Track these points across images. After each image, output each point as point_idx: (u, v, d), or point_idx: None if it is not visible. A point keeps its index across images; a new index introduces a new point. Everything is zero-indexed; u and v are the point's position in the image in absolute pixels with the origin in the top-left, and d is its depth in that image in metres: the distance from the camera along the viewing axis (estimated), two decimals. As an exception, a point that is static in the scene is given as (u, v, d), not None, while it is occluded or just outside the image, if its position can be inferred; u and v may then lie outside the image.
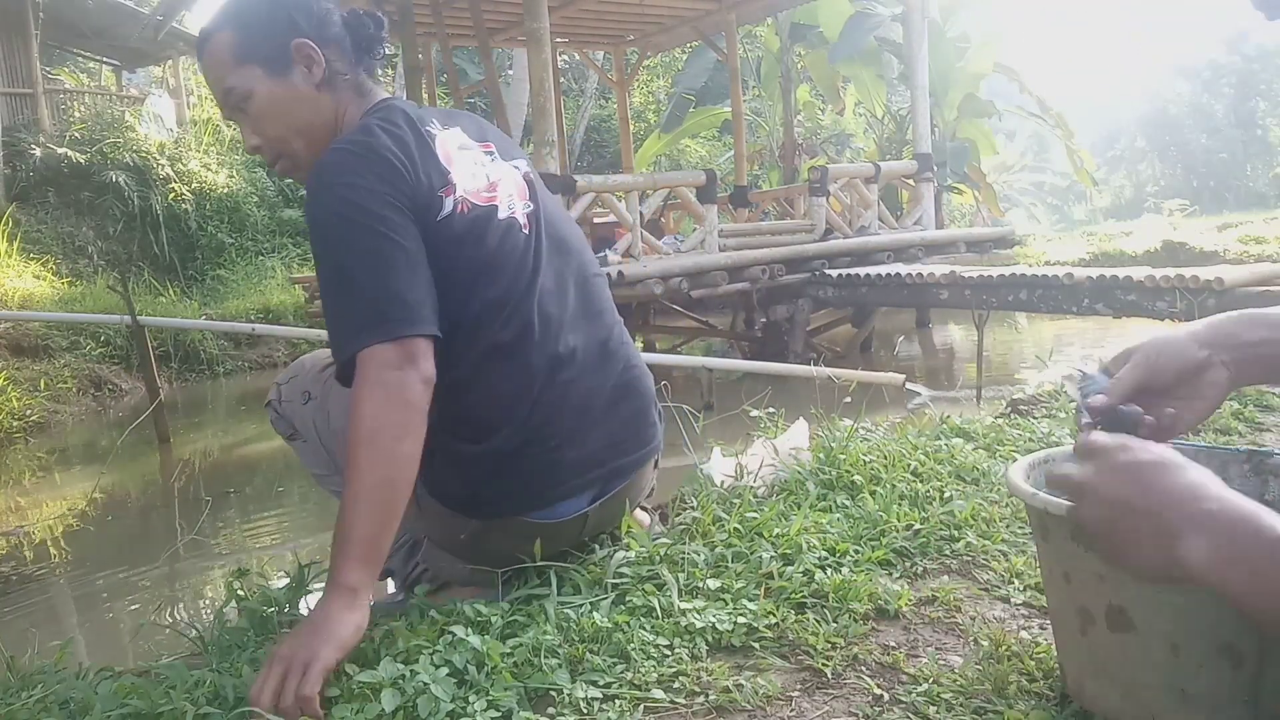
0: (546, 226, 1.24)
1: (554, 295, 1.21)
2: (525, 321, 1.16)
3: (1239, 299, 3.70)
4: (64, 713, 0.97)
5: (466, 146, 1.21)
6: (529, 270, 1.18)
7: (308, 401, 1.34)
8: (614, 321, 1.32)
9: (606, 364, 1.25)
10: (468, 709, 0.90)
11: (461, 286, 1.12)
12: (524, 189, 1.25)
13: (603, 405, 1.23)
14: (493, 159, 1.24)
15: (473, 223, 1.14)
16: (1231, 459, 1.00)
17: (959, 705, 0.89)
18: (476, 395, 1.16)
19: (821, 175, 6.49)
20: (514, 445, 1.16)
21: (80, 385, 6.73)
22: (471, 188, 1.16)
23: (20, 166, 9.81)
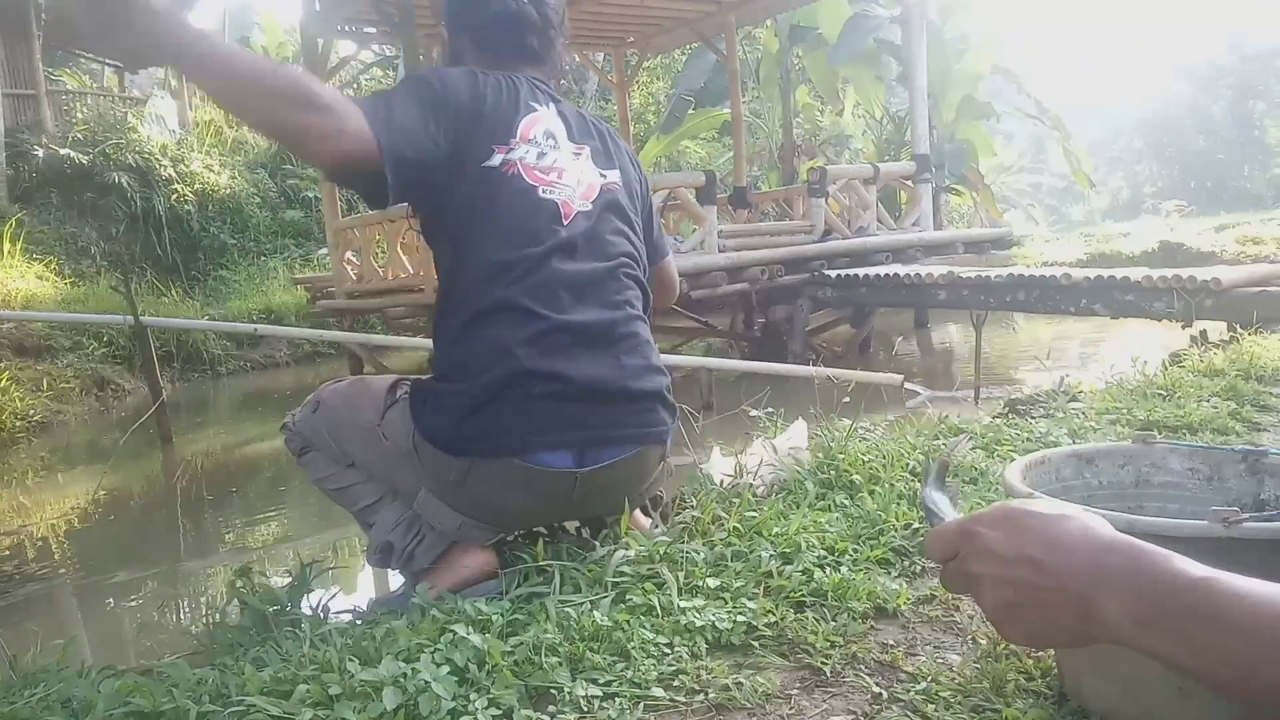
0: (596, 223, 1.35)
1: (572, 279, 1.29)
2: (533, 286, 1.26)
3: (1236, 299, 3.70)
4: (66, 711, 0.97)
5: (554, 134, 1.36)
6: (553, 248, 1.29)
7: (316, 409, 1.44)
8: (632, 321, 1.35)
9: (609, 347, 1.30)
10: (469, 707, 0.90)
11: (484, 233, 1.27)
12: (593, 191, 1.38)
13: (591, 376, 1.27)
14: (577, 158, 1.38)
15: (514, 187, 1.28)
16: (1227, 459, 1.01)
17: (957, 703, 0.89)
18: (469, 342, 1.27)
19: (820, 176, 6.50)
20: (494, 387, 1.24)
21: (83, 385, 6.73)
22: (531, 163, 1.31)
23: (23, 167, 9.82)
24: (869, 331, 6.51)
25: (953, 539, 0.58)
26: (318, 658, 1.01)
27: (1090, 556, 0.51)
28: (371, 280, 6.60)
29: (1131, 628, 0.48)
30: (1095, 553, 0.51)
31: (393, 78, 14.16)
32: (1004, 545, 0.55)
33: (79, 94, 11.97)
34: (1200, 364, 2.54)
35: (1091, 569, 0.51)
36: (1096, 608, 0.50)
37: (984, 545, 0.56)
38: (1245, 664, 0.45)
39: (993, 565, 0.55)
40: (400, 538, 1.35)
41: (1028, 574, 0.53)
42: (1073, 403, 2.30)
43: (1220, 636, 0.45)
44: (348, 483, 1.42)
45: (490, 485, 1.27)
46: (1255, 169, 28.26)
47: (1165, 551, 0.50)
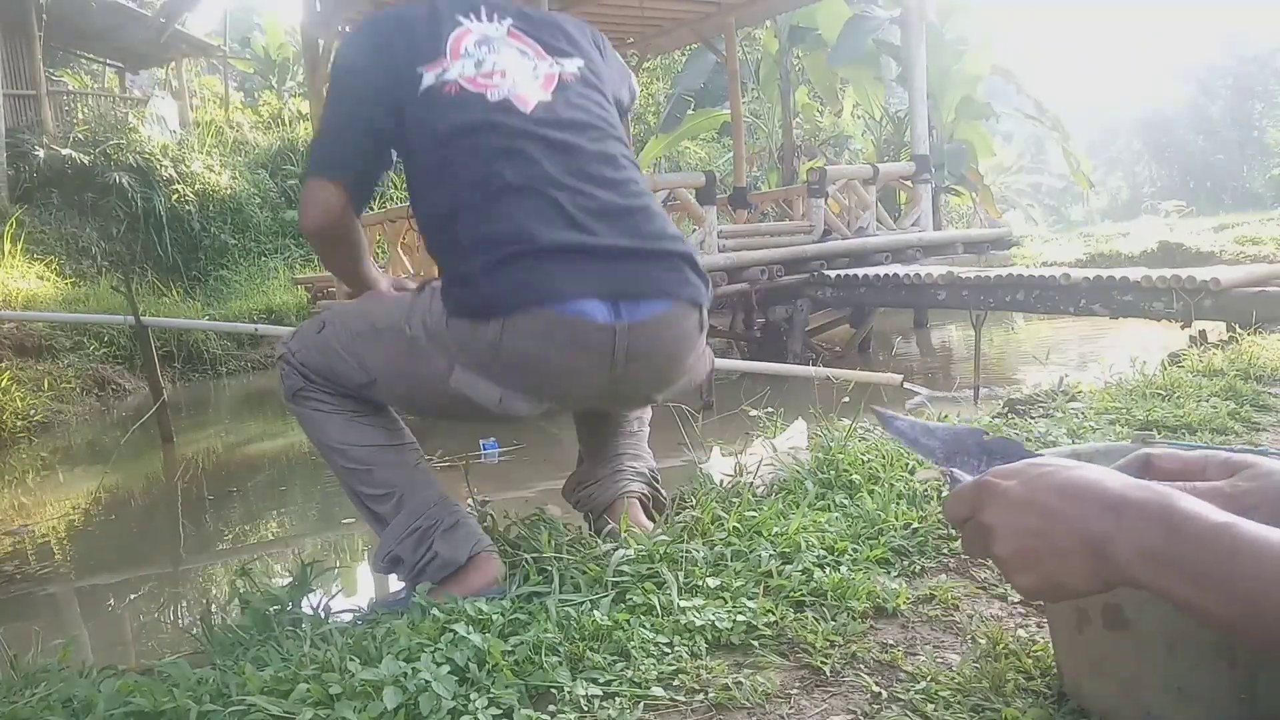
0: (563, 109, 1.31)
1: (558, 163, 1.26)
2: (521, 178, 1.24)
3: (1235, 299, 3.71)
4: (67, 711, 0.97)
5: (489, 40, 1.33)
6: (520, 137, 1.26)
7: (322, 329, 1.38)
8: (638, 195, 1.31)
9: (622, 218, 1.26)
10: (469, 706, 0.90)
11: (451, 154, 1.27)
12: (550, 82, 1.34)
13: (611, 242, 1.24)
14: (524, 55, 1.34)
15: (462, 100, 1.28)
16: (1226, 458, 1.01)
17: (957, 703, 0.89)
18: (461, 223, 1.26)
19: (820, 177, 6.50)
20: (517, 254, 1.21)
21: (84, 385, 6.74)
22: (471, 74, 1.30)
23: (24, 168, 9.82)
24: (868, 331, 6.51)
25: (969, 495, 0.59)
26: (318, 657, 1.01)
27: (1105, 497, 0.52)
28: (371, 280, 6.59)
29: (1145, 564, 0.48)
30: (1111, 494, 0.52)
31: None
32: (1019, 492, 0.56)
33: (80, 94, 11.98)
34: (1199, 364, 2.54)
35: (1106, 509, 0.51)
36: (1111, 546, 0.50)
37: (999, 494, 0.57)
38: (1257, 602, 0.45)
39: (1008, 513, 0.56)
40: (410, 552, 1.31)
41: (1042, 519, 0.54)
42: (1072, 402, 2.30)
43: (1234, 574, 0.46)
44: (352, 441, 1.34)
45: (527, 341, 1.21)
46: (1254, 169, 28.26)
47: (1186, 495, 0.50)
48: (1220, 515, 0.48)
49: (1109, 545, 0.50)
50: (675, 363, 1.33)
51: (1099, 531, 0.51)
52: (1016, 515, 0.55)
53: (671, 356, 1.32)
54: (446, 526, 1.31)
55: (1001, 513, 0.56)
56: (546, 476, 3.79)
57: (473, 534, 1.32)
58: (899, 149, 10.45)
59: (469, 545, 1.29)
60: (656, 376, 1.33)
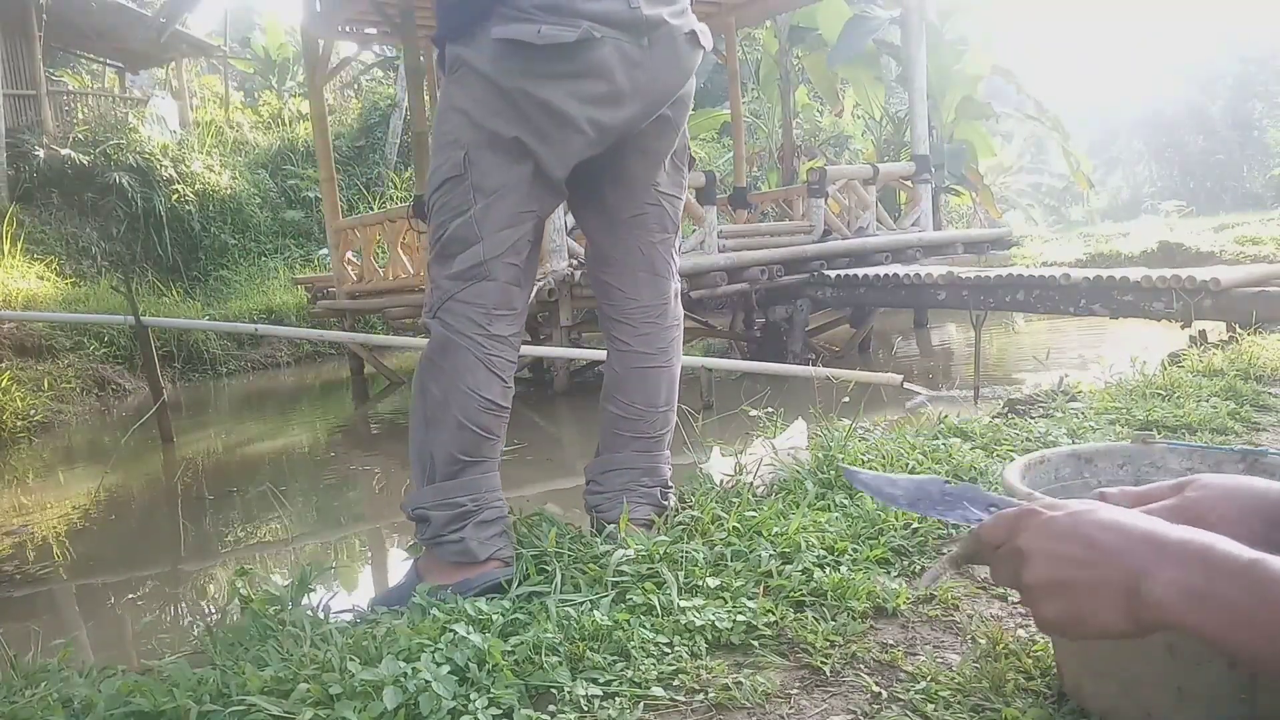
0: None
1: None
2: None
3: (1235, 299, 3.71)
4: (67, 711, 0.97)
5: None
6: None
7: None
8: None
9: None
10: (469, 706, 0.90)
11: None
12: None
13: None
14: None
15: None
16: (1226, 459, 1.01)
17: (957, 703, 0.89)
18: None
19: (820, 177, 6.50)
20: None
21: (84, 385, 6.74)
22: None
23: (24, 168, 9.83)
24: (868, 331, 6.51)
25: (1011, 519, 0.60)
26: (318, 657, 1.01)
27: (1144, 536, 0.53)
28: (372, 280, 6.60)
29: (1182, 601, 0.49)
30: (1150, 534, 0.53)
31: (393, 78, 14.16)
32: (1063, 522, 0.56)
33: (80, 94, 11.98)
34: (1199, 364, 2.55)
35: (1145, 548, 0.52)
36: (1147, 583, 0.51)
37: (1041, 523, 0.57)
38: None
39: (1047, 540, 0.56)
40: (440, 524, 1.32)
41: (1082, 551, 0.54)
42: (1072, 402, 2.30)
43: (1270, 611, 0.46)
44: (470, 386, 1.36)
45: (545, 63, 1.29)
46: (1254, 169, 28.26)
47: (1217, 535, 0.51)
48: (1249, 553, 0.49)
49: (1147, 581, 0.51)
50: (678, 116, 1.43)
51: (1138, 567, 0.52)
52: (1056, 543, 0.56)
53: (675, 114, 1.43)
54: (486, 519, 1.33)
55: (1041, 539, 0.57)
56: (548, 476, 3.79)
57: (502, 538, 1.34)
58: (899, 149, 10.45)
59: (493, 548, 1.31)
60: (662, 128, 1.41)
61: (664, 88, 1.40)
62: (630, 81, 1.35)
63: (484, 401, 1.37)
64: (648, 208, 1.51)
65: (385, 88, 14.58)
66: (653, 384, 1.53)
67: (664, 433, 1.56)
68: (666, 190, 1.52)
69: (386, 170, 12.57)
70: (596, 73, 1.33)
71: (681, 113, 1.48)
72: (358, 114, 13.88)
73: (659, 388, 1.54)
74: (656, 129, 1.44)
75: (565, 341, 5.24)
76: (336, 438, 5.53)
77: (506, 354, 1.41)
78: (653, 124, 1.43)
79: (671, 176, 1.53)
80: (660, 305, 1.54)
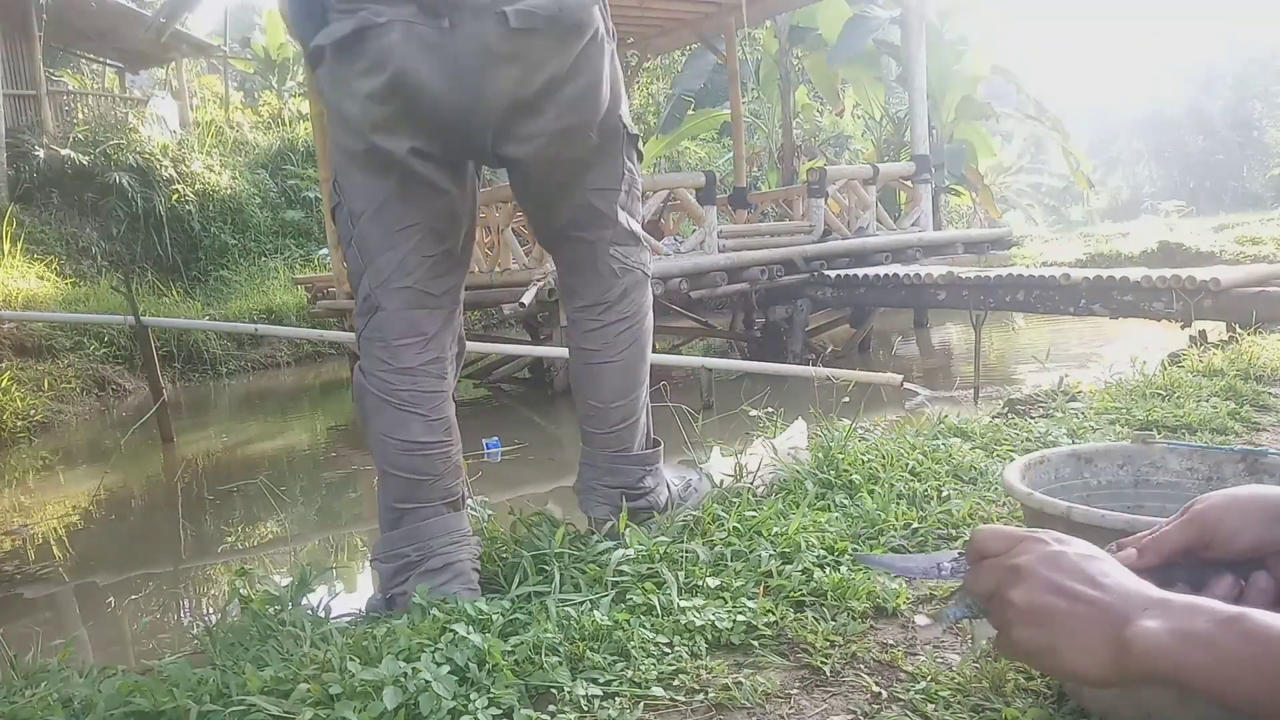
0: None
1: None
2: None
3: (1235, 299, 3.71)
4: (67, 711, 0.97)
5: None
6: None
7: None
8: None
9: None
10: (469, 706, 0.90)
11: None
12: None
13: None
14: None
15: None
16: (1226, 459, 1.01)
17: (957, 703, 0.89)
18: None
19: (820, 177, 6.50)
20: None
21: (84, 385, 6.74)
22: None
23: (24, 168, 9.82)
24: (868, 331, 6.51)
25: (1015, 536, 0.59)
26: (318, 657, 1.01)
27: (1142, 590, 0.54)
28: (371, 280, 6.58)
29: (1174, 643, 0.49)
30: (1147, 588, 0.54)
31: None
32: (1068, 557, 0.56)
33: (80, 94, 11.98)
34: (1199, 364, 2.55)
35: (1141, 599, 0.53)
36: (1139, 630, 0.51)
37: (1047, 550, 0.57)
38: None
39: (1048, 566, 0.56)
40: (387, 577, 1.29)
41: (1080, 586, 0.54)
42: (1072, 403, 2.30)
43: (1261, 655, 0.47)
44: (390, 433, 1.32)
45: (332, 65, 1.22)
46: (1254, 169, 28.25)
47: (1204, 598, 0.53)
48: (1234, 608, 0.50)
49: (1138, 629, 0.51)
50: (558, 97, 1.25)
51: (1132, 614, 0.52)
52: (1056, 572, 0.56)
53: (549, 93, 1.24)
54: (431, 568, 1.26)
55: (1042, 563, 0.57)
56: (548, 475, 3.79)
57: (455, 583, 1.26)
58: (899, 149, 10.45)
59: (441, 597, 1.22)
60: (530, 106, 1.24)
61: (484, 78, 1.22)
62: (430, 69, 1.20)
63: (400, 444, 1.30)
64: (577, 211, 1.42)
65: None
66: (601, 380, 1.46)
67: (619, 429, 1.47)
68: (600, 185, 1.40)
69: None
70: (378, 64, 1.20)
71: (579, 111, 1.30)
72: (358, 114, 13.85)
73: (605, 383, 1.46)
74: (556, 135, 1.30)
75: (565, 341, 5.24)
76: (336, 438, 5.53)
77: (422, 385, 1.31)
78: (550, 130, 1.28)
79: (602, 169, 1.39)
80: (603, 304, 1.45)
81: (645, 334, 1.49)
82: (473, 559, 1.31)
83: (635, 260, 1.47)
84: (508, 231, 5.37)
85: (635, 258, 1.47)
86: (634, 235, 1.46)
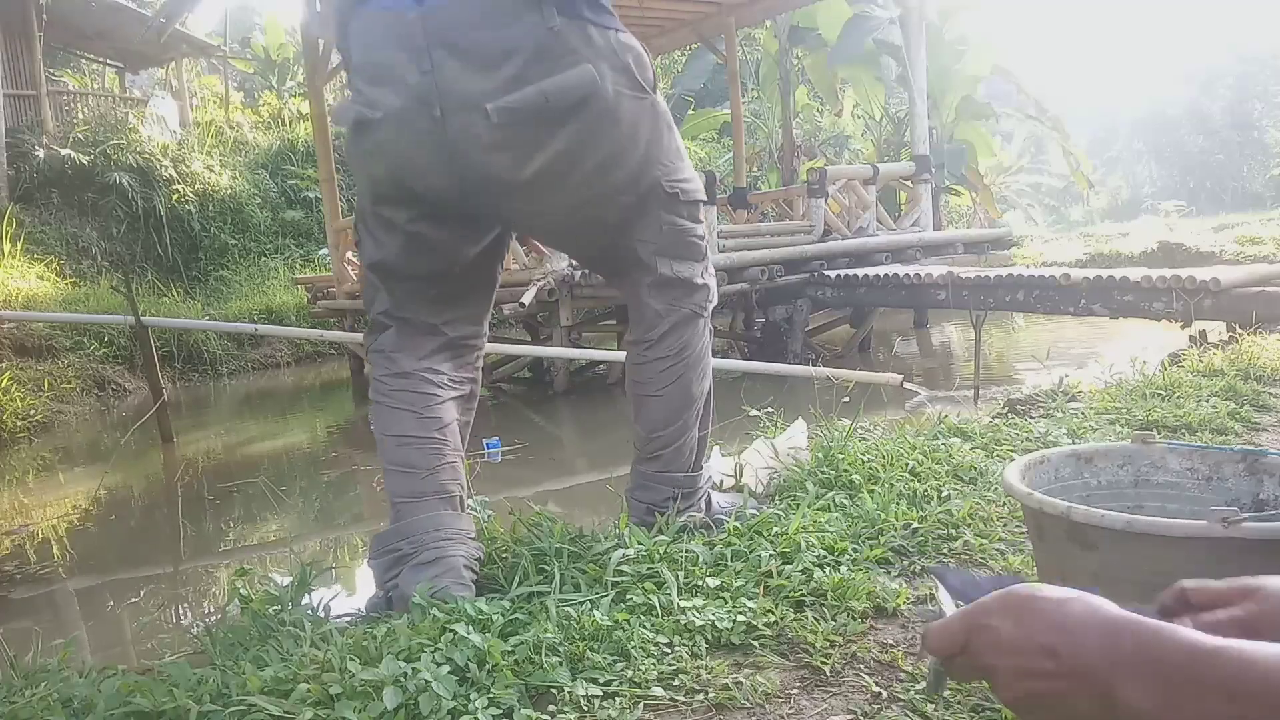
0: None
1: None
2: None
3: (1235, 299, 3.71)
4: (67, 711, 0.97)
5: None
6: None
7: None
8: None
9: None
10: (469, 706, 0.90)
11: None
12: None
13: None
14: None
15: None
16: (1226, 459, 1.01)
17: (956, 703, 0.89)
18: None
19: (820, 177, 6.50)
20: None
21: (84, 385, 6.74)
22: None
23: (24, 168, 9.82)
24: (868, 331, 6.51)
25: (959, 632, 0.58)
26: (318, 657, 1.01)
27: (1102, 639, 0.52)
28: (371, 280, 6.59)
29: (1158, 711, 0.48)
30: (1106, 635, 0.52)
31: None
32: (1016, 635, 0.55)
33: (80, 94, 11.98)
34: (1199, 364, 2.55)
35: (1106, 653, 0.51)
36: (1118, 694, 0.50)
37: (995, 639, 0.55)
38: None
39: (1008, 657, 0.55)
40: (380, 572, 1.33)
41: (1045, 662, 0.53)
42: (1072, 403, 2.30)
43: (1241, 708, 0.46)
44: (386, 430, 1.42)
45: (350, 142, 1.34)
46: (1254, 169, 28.25)
47: (1171, 626, 0.50)
48: (1210, 641, 0.49)
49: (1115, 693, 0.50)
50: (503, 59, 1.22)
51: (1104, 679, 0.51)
52: (1018, 659, 0.54)
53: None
54: (423, 560, 1.28)
55: (1002, 656, 0.55)
56: (548, 475, 3.79)
57: (447, 576, 1.26)
58: (899, 149, 10.45)
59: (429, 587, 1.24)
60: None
61: (480, 164, 1.27)
62: (427, 156, 1.28)
63: (395, 439, 1.38)
64: (614, 259, 1.46)
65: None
66: (642, 409, 1.49)
67: (659, 453, 1.49)
68: (639, 238, 1.41)
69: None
70: (375, 154, 1.32)
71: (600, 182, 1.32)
72: (358, 114, 13.86)
73: (646, 413, 1.49)
74: (577, 206, 1.33)
75: (565, 341, 5.24)
76: (336, 438, 5.53)
77: (417, 386, 1.41)
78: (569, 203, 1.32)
79: (640, 224, 1.40)
80: (645, 342, 1.47)
81: (691, 369, 1.47)
82: (469, 558, 1.32)
83: (683, 303, 1.46)
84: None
85: (683, 300, 1.46)
86: (679, 281, 1.44)
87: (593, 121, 1.28)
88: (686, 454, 1.49)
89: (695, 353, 1.47)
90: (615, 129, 1.30)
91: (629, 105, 1.31)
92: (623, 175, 1.34)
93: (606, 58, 1.28)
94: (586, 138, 1.28)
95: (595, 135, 1.29)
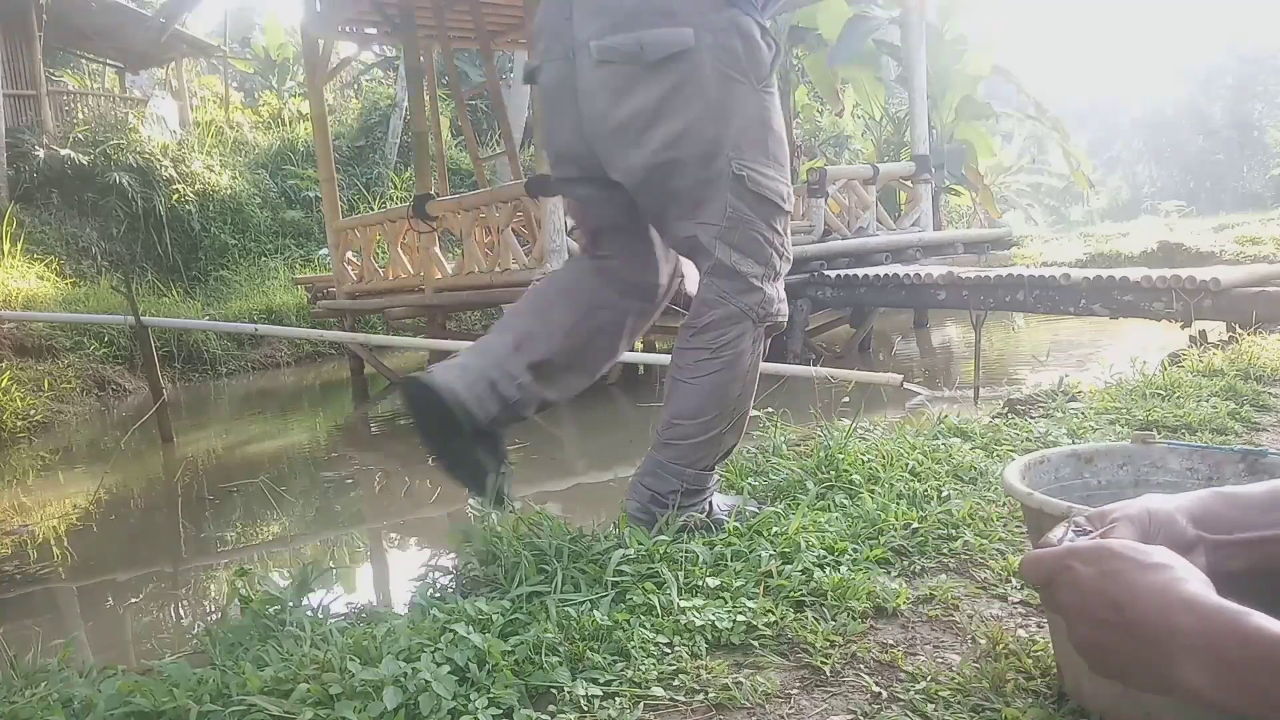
0: None
1: None
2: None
3: (1235, 299, 3.70)
4: (67, 711, 0.97)
5: None
6: None
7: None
8: None
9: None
10: (469, 706, 0.90)
11: None
12: None
13: None
14: None
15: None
16: (1226, 459, 1.01)
17: (957, 703, 0.89)
18: None
19: (820, 177, 6.50)
20: None
21: (84, 385, 6.74)
22: None
23: (24, 168, 9.83)
24: (868, 331, 6.51)
25: (1049, 566, 0.60)
26: (318, 657, 1.01)
27: (1165, 612, 0.53)
28: (372, 280, 6.60)
29: (1211, 689, 0.49)
30: (1170, 607, 0.53)
31: (393, 78, 14.16)
32: (1092, 583, 0.57)
33: (80, 94, 11.98)
34: (1199, 364, 2.55)
35: (1166, 626, 0.52)
36: (1174, 666, 0.51)
37: (1073, 579, 0.58)
38: None
39: (1079, 599, 0.57)
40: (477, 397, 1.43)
41: (1110, 614, 0.55)
42: (1072, 403, 2.30)
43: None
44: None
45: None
46: (1254, 169, 28.26)
47: (1240, 610, 0.51)
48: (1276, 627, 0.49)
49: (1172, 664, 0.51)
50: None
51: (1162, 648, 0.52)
52: (1087, 605, 0.57)
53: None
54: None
55: (1074, 597, 0.58)
56: (548, 475, 3.79)
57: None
58: (899, 149, 10.45)
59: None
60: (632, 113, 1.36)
61: (583, 107, 1.40)
62: (566, 100, 1.41)
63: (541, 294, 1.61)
64: (682, 238, 1.47)
65: (385, 88, 14.58)
66: (672, 394, 1.48)
67: (675, 442, 1.46)
68: (703, 220, 1.41)
69: (386, 170, 12.57)
70: (543, 99, 1.46)
71: (678, 148, 1.35)
72: (358, 114, 13.88)
73: (673, 398, 1.48)
74: (655, 168, 1.38)
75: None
76: (336, 438, 5.54)
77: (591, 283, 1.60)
78: (649, 163, 1.38)
79: (708, 205, 1.40)
80: (691, 328, 1.47)
81: (729, 370, 1.44)
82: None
83: (734, 298, 1.44)
84: (508, 232, 5.37)
85: (734, 295, 1.44)
86: (734, 273, 1.42)
87: (680, 83, 1.33)
88: (703, 452, 1.47)
89: (736, 354, 1.44)
90: (700, 99, 1.34)
91: (722, 84, 1.35)
92: (697, 150, 1.36)
93: (715, 32, 1.34)
94: (671, 97, 1.34)
95: (679, 98, 1.34)
